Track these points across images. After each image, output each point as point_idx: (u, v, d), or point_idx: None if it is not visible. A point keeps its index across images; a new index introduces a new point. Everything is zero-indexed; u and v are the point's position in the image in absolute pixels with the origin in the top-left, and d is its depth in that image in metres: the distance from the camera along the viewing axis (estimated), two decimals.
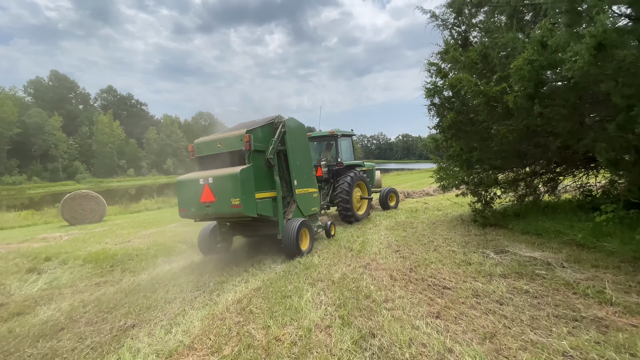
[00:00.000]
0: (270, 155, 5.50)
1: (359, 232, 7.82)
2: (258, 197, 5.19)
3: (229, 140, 5.39)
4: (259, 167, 5.40)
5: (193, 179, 5.28)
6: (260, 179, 5.35)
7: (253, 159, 5.23)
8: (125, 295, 4.63)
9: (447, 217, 9.18)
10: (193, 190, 5.23)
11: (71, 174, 56.45)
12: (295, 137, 6.22)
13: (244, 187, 4.84)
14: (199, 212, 5.27)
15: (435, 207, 11.37)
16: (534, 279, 3.96)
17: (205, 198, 5.09)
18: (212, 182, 5.02)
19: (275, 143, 5.63)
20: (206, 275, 5.32)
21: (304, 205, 6.41)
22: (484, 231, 6.71)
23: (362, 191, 9.71)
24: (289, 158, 6.05)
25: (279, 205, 5.67)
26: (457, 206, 11.18)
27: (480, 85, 4.40)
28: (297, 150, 6.25)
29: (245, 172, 4.91)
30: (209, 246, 6.27)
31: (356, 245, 6.44)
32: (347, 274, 4.65)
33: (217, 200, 4.98)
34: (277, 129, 5.86)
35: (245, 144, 5.09)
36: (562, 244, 5.09)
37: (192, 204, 5.30)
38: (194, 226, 11.77)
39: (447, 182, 7.08)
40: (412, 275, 4.44)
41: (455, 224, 7.90)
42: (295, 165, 6.17)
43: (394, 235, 7.11)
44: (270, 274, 5.05)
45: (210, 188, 5.03)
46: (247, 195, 4.91)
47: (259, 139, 5.48)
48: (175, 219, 13.92)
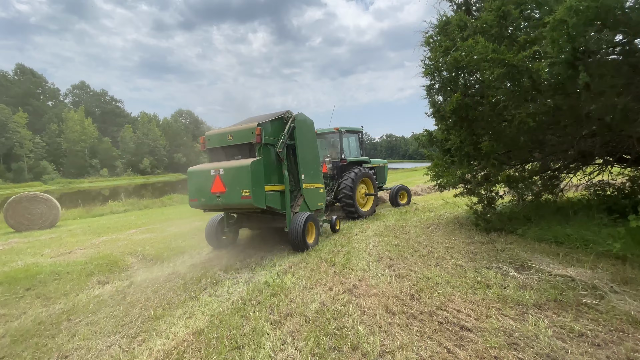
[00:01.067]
0: (279, 149, 5.54)
1: (344, 239, 6.64)
2: (267, 190, 5.24)
3: (240, 132, 5.45)
4: (269, 160, 5.46)
5: (204, 170, 5.35)
6: (269, 172, 5.42)
7: (263, 152, 5.29)
8: (9, 344, 3.25)
9: (442, 219, 8.14)
10: (204, 180, 5.31)
11: (38, 175, 52.71)
12: (304, 132, 6.26)
13: (254, 179, 4.92)
14: (209, 202, 5.33)
15: (426, 207, 10.36)
16: (583, 312, 2.88)
17: (216, 189, 5.16)
18: (223, 173, 5.10)
19: (285, 137, 5.66)
20: (139, 305, 3.99)
21: (311, 200, 6.45)
22: (490, 237, 5.67)
23: (367, 187, 9.49)
24: (297, 153, 6.09)
25: (286, 199, 5.73)
26: (450, 207, 10.20)
27: (501, 51, 3.33)
28: (305, 146, 6.31)
29: (256, 164, 4.98)
30: (216, 237, 6.37)
31: (340, 257, 5.25)
32: (327, 304, 3.44)
33: (228, 191, 5.06)
34: (287, 124, 5.88)
35: (256, 137, 5.16)
36: (596, 257, 4.07)
37: (202, 194, 5.37)
38: (155, 232, 10.40)
39: (446, 179, 5.99)
40: (415, 305, 3.28)
41: (453, 228, 6.84)
42: (304, 160, 6.23)
43: (385, 243, 5.97)
44: (225, 302, 3.78)
45: (221, 179, 5.11)
46: (257, 187, 4.98)
47: (269, 133, 5.53)
48: (138, 223, 12.41)
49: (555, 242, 4.84)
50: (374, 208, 9.54)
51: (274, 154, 5.64)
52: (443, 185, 6.32)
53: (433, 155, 7.25)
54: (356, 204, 8.69)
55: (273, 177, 5.59)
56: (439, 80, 4.84)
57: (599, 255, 4.08)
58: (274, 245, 6.62)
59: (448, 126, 5.37)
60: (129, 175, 61.39)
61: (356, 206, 8.70)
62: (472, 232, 6.30)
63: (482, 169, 5.49)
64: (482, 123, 4.72)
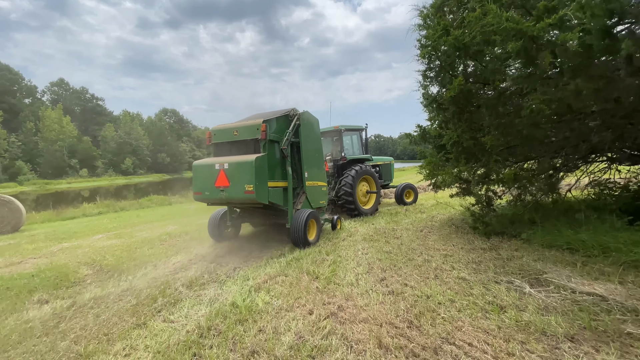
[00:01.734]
0: (284, 146, 5.64)
1: (330, 245, 5.94)
2: (270, 186, 5.30)
3: (245, 128, 5.52)
4: (273, 156, 5.53)
5: (209, 164, 5.43)
6: (273, 168, 5.48)
7: (268, 148, 5.33)
8: None
9: (435, 221, 7.54)
10: (209, 174, 5.39)
11: (13, 175, 50.13)
12: (308, 130, 6.32)
13: (257, 174, 4.98)
14: (213, 196, 5.41)
15: (416, 208, 9.78)
16: (629, 346, 2.25)
17: (220, 183, 5.25)
18: (227, 167, 5.18)
19: (290, 134, 5.75)
20: (71, 336, 3.18)
21: (313, 197, 6.48)
22: (491, 243, 5.07)
23: (369, 185, 9.38)
24: (301, 150, 6.16)
25: (289, 196, 5.79)
26: (443, 207, 9.64)
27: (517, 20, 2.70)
28: (309, 143, 6.37)
29: (260, 160, 5.05)
30: (219, 231, 6.47)
31: (324, 268, 4.54)
32: (304, 336, 2.71)
33: (231, 185, 5.14)
34: (292, 121, 5.96)
35: (261, 133, 5.22)
36: (621, 267, 3.48)
37: (206, 187, 5.46)
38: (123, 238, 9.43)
39: (441, 178, 5.37)
40: (415, 336, 2.59)
41: (448, 232, 6.23)
42: (307, 158, 6.29)
43: (375, 250, 5.29)
44: (177, 332, 3.01)
45: (226, 173, 5.19)
46: (260, 182, 5.03)
47: (275, 130, 5.60)
48: (109, 227, 11.41)
49: (568, 249, 4.25)
50: (376, 206, 9.35)
51: (279, 150, 5.70)
52: (438, 185, 5.69)
53: (426, 152, 6.63)
54: (357, 201, 8.61)
55: (276, 174, 5.63)
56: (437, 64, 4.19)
57: (625, 266, 3.50)
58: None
59: (445, 118, 4.75)
60: (110, 175, 59.13)
61: (357, 204, 8.60)
62: (470, 236, 5.70)
63: (482, 166, 4.88)
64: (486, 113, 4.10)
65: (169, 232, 8.59)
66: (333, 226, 7.20)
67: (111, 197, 26.37)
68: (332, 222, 7.20)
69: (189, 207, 17.11)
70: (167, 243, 7.19)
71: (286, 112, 6.05)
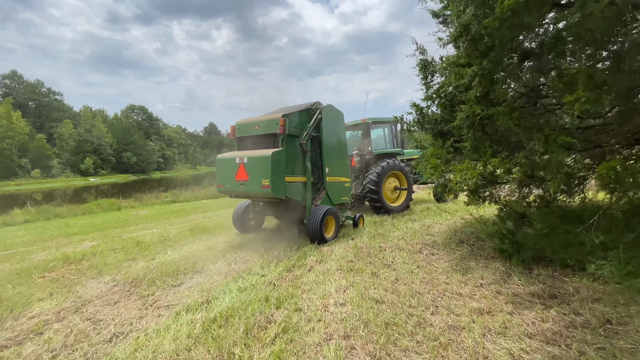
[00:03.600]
0: (303, 140, 5.51)
1: (289, 280, 3.90)
2: (288, 181, 5.25)
3: (266, 123, 5.50)
4: (292, 151, 5.43)
5: (230, 158, 5.50)
6: (292, 163, 5.40)
7: (287, 143, 5.28)
8: None
9: (433, 234, 5.69)
10: (230, 168, 5.47)
11: None
12: (331, 124, 6.12)
13: (274, 169, 4.95)
14: (234, 189, 5.48)
15: (404, 214, 7.95)
16: None
17: (240, 176, 5.31)
18: (246, 161, 5.24)
19: (310, 129, 5.61)
20: None
21: (334, 193, 6.27)
22: (541, 281, 3.21)
23: (399, 181, 8.81)
24: (322, 145, 5.99)
25: (308, 191, 5.70)
26: (434, 213, 7.84)
27: None
28: (331, 138, 6.17)
29: (276, 154, 5.02)
30: (242, 223, 6.50)
31: (269, 333, 2.49)
32: None
33: (250, 179, 5.18)
34: (314, 115, 5.80)
35: (280, 127, 5.18)
36: None
37: (228, 180, 5.54)
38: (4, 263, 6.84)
39: (461, 178, 3.45)
40: None
41: (461, 255, 4.36)
42: (328, 153, 6.09)
43: (357, 296, 3.28)
44: None
45: (245, 167, 5.23)
46: (277, 177, 5.00)
47: (295, 124, 5.51)
48: (6, 244, 8.80)
49: None
50: (407, 203, 8.67)
51: (299, 145, 5.55)
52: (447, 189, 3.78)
53: (426, 141, 4.74)
54: (383, 198, 8.06)
55: (295, 169, 5.52)
56: None
57: None
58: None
59: (471, 74, 2.83)
60: (67, 176, 53.88)
61: (383, 201, 8.06)
62: (498, 263, 3.83)
63: (529, 155, 3.02)
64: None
65: (74, 253, 6.20)
66: (355, 224, 6.75)
67: (69, 201, 23.14)
68: (354, 219, 6.74)
69: (139, 212, 14.58)
70: (47, 277, 4.87)
71: (308, 106, 5.88)
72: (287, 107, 6.13)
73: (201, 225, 8.22)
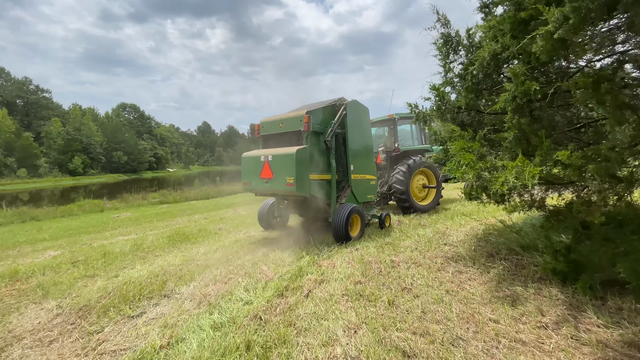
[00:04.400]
0: (327, 137, 5.39)
1: (281, 310, 2.98)
2: (312, 178, 5.18)
3: (290, 120, 5.44)
4: (316, 148, 5.34)
5: (256, 156, 5.46)
6: (316, 160, 5.31)
7: (311, 140, 5.20)
8: None
9: (452, 244, 4.80)
10: (255, 166, 5.44)
11: None
12: (356, 121, 5.97)
13: (298, 166, 4.89)
14: (259, 186, 5.45)
15: (411, 218, 7.07)
16: None
17: (265, 174, 5.28)
18: (271, 159, 5.20)
19: (335, 125, 5.48)
20: None
21: (359, 191, 6.08)
22: (621, 311, 2.34)
23: (427, 179, 8.46)
24: (347, 142, 5.82)
25: (332, 189, 5.58)
26: (444, 216, 6.98)
27: None
28: (356, 134, 5.98)
29: (301, 152, 4.96)
30: (267, 221, 6.43)
31: None
32: None
33: (274, 177, 5.14)
34: (338, 111, 5.66)
35: (304, 124, 5.12)
36: None
37: (253, 178, 5.49)
38: None
39: (513, 178, 2.55)
40: None
41: (496, 272, 3.47)
42: (353, 150, 5.92)
43: (373, 339, 2.38)
44: None
45: (270, 165, 5.19)
46: (301, 175, 4.95)
47: (320, 121, 5.42)
48: None
49: None
50: (437, 201, 8.33)
51: (323, 142, 5.44)
52: (495, 192, 2.87)
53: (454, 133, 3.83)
54: (411, 197, 7.74)
55: (320, 166, 5.41)
56: None
57: None
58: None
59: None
60: (54, 176, 52.14)
61: (411, 200, 7.74)
62: (550, 287, 2.94)
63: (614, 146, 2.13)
64: None
65: (28, 267, 5.18)
66: (381, 223, 6.42)
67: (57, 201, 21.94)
68: (380, 218, 6.43)
69: (121, 214, 13.53)
70: None
71: (333, 102, 5.78)
72: (310, 104, 6.00)
73: (183, 231, 7.25)
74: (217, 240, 6.34)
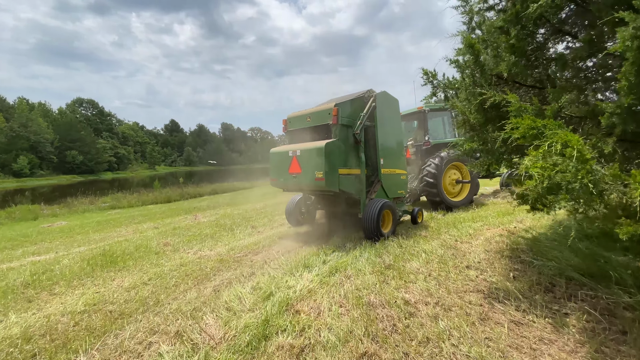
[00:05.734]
0: (357, 130, 5.18)
1: None
2: (342, 173, 5.02)
3: (318, 114, 5.33)
4: (346, 142, 5.16)
5: (283, 151, 5.39)
6: (345, 154, 5.15)
7: (340, 133, 5.04)
8: None
9: (477, 266, 3.55)
10: (283, 161, 5.36)
11: None
12: (385, 113, 5.74)
13: (327, 160, 4.77)
14: (287, 182, 5.35)
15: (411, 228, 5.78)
16: None
17: (293, 169, 5.20)
18: (299, 154, 5.12)
19: (363, 118, 5.27)
20: None
21: (390, 186, 5.86)
22: None
23: (461, 174, 8.06)
24: (376, 135, 5.59)
25: (362, 184, 5.35)
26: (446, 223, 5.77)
27: None
28: (386, 127, 5.76)
29: (330, 145, 4.83)
30: (295, 217, 6.15)
31: None
32: None
33: (303, 172, 5.06)
34: (367, 104, 5.44)
35: (332, 117, 4.99)
36: None
37: (281, 174, 5.42)
38: None
39: None
40: None
41: (583, 326, 2.17)
42: (384, 143, 5.71)
43: None
44: None
45: (298, 160, 5.12)
46: (331, 169, 4.82)
47: (348, 114, 5.21)
48: None
49: None
50: (470, 197, 7.95)
51: (352, 135, 5.22)
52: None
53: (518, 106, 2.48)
54: (442, 192, 7.44)
55: (349, 160, 5.20)
56: None
57: None
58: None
59: None
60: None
61: (443, 195, 7.43)
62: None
63: None
64: None
65: None
66: (413, 219, 6.20)
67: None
68: (412, 214, 6.19)
69: (55, 223, 11.33)
70: None
71: (361, 94, 5.54)
72: (338, 98, 5.74)
73: (114, 250, 5.49)
74: (156, 263, 4.68)
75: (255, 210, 9.77)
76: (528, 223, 5.00)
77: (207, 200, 16.32)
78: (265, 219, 8.14)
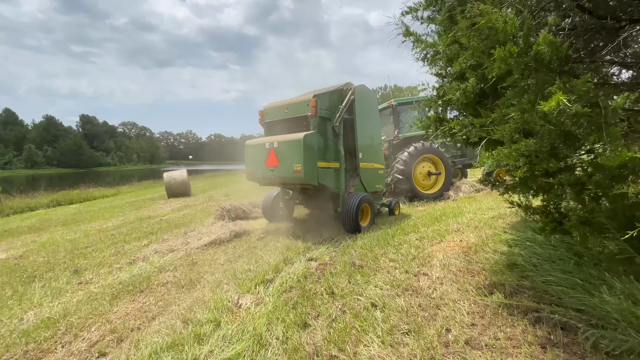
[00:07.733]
0: (336, 123, 5.21)
1: None
2: (320, 166, 4.99)
3: (296, 105, 5.30)
4: (324, 135, 5.17)
5: (260, 143, 5.30)
6: (324, 147, 5.14)
7: (318, 125, 5.02)
8: None
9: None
10: (260, 154, 5.26)
11: None
12: (364, 106, 5.78)
13: (306, 153, 4.73)
14: (264, 175, 5.30)
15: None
16: None
17: (270, 162, 5.11)
18: (277, 146, 5.03)
19: (342, 111, 5.28)
20: None
21: (368, 180, 5.92)
22: None
23: (435, 166, 8.06)
24: (355, 128, 5.60)
25: (341, 177, 5.41)
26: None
27: None
28: (364, 121, 5.78)
29: (309, 137, 4.80)
30: (272, 212, 6.15)
31: None
32: None
33: (281, 164, 4.98)
34: (346, 96, 5.43)
35: (311, 109, 4.95)
36: None
37: (257, 167, 5.34)
38: None
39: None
40: None
41: None
42: (362, 137, 5.72)
43: None
44: None
45: (275, 152, 5.03)
46: (309, 162, 4.78)
47: (327, 106, 5.22)
48: None
49: None
50: (445, 189, 7.92)
51: (331, 128, 5.25)
52: None
53: None
54: (415, 187, 7.55)
55: (328, 153, 5.20)
56: None
57: None
58: None
59: None
60: None
61: (414, 188, 7.54)
62: None
63: None
64: None
65: None
66: (390, 211, 6.33)
67: None
68: (390, 206, 6.34)
69: None
70: None
71: (340, 87, 5.54)
72: (317, 90, 5.62)
73: None
74: None
75: (101, 233, 6.73)
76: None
77: (39, 215, 11.40)
78: (111, 249, 5.35)
